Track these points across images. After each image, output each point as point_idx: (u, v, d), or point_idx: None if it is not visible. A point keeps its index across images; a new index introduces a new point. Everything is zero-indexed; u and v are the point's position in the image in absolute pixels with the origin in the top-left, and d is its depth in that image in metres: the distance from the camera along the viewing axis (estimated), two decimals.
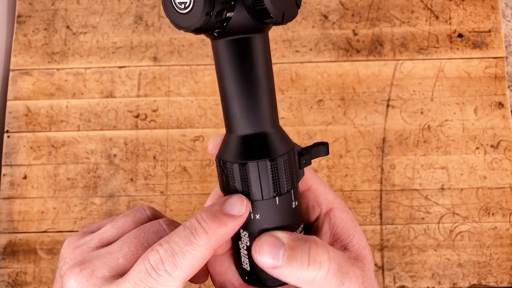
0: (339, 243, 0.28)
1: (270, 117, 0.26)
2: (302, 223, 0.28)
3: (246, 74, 0.25)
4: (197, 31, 0.23)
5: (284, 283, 0.27)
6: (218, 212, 0.25)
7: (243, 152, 0.26)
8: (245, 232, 0.27)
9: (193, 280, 0.29)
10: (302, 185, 0.29)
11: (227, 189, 0.27)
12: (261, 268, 0.26)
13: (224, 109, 0.26)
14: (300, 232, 0.28)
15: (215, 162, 0.28)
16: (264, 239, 0.26)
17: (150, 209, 0.29)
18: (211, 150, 0.29)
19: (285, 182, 0.26)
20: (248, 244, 0.27)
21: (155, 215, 0.29)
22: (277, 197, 0.26)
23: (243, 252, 0.27)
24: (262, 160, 0.25)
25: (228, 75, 0.25)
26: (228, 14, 0.23)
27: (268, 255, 0.25)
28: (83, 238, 0.27)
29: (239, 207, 0.25)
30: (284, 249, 0.25)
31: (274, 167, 0.25)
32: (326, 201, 0.29)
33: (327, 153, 0.29)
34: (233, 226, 0.25)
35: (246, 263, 0.27)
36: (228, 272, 0.29)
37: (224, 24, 0.24)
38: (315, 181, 0.30)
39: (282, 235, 0.26)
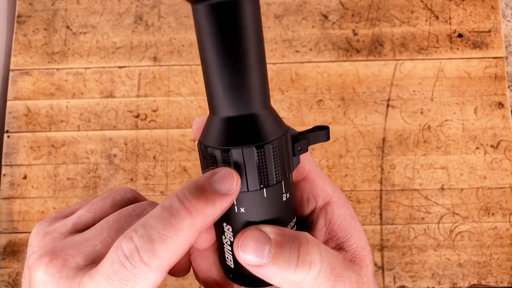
0: (334, 242, 0.25)
1: (259, 96, 0.23)
2: (295, 217, 0.25)
3: (231, 45, 0.21)
4: None
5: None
6: (205, 189, 0.21)
7: (226, 136, 0.22)
8: (228, 226, 0.24)
9: (172, 273, 0.26)
10: (297, 174, 0.26)
11: None
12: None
13: (206, 86, 0.23)
14: (291, 228, 0.25)
15: (197, 146, 0.24)
16: (248, 233, 0.22)
17: (131, 191, 0.26)
18: (195, 133, 0.25)
19: (275, 173, 0.23)
20: (231, 239, 0.24)
21: (137, 198, 0.26)
22: (264, 189, 0.23)
23: (227, 247, 0.24)
24: (247, 146, 0.22)
25: (210, 46, 0.21)
26: None
27: (251, 252, 0.22)
28: (54, 224, 0.24)
29: (229, 184, 0.21)
30: (270, 245, 0.22)
31: (261, 155, 0.22)
32: (323, 194, 0.26)
33: (328, 138, 0.26)
34: (222, 206, 0.21)
35: (230, 260, 0.25)
36: (212, 268, 0.26)
37: None
38: (312, 171, 0.26)
39: (268, 229, 0.23)
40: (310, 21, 0.62)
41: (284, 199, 0.24)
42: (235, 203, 0.23)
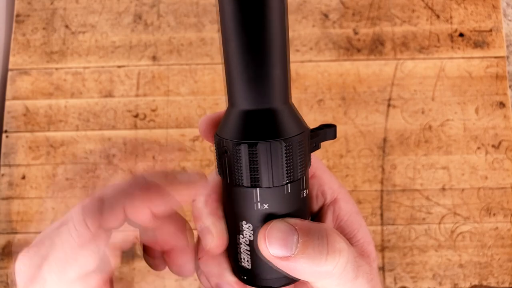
0: None
1: (283, 89, 0.22)
2: (309, 214, 0.25)
3: (255, 34, 0.21)
4: None
5: (289, 282, 0.24)
6: None
7: (251, 130, 0.22)
8: (248, 225, 0.23)
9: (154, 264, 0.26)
10: None
11: (230, 174, 0.23)
12: (263, 266, 0.23)
13: (228, 77, 0.22)
14: None
15: (215, 140, 0.24)
16: (273, 225, 0.22)
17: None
18: (204, 131, 0.25)
19: (299, 168, 0.23)
20: (251, 237, 0.23)
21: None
22: (288, 184, 0.23)
23: (244, 247, 0.24)
24: (275, 140, 0.22)
25: (233, 35, 0.21)
26: None
27: (279, 243, 0.22)
28: None
29: None
30: (297, 235, 0.22)
31: (288, 149, 0.22)
32: (331, 191, 0.27)
33: (335, 136, 0.26)
34: None
35: (247, 260, 0.24)
36: (225, 273, 0.26)
37: None
38: (320, 168, 0.27)
39: (293, 221, 0.23)
40: (310, 20, 0.62)
41: (303, 195, 0.24)
42: (258, 200, 0.23)
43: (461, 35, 0.61)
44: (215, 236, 0.24)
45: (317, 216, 0.27)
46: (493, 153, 0.58)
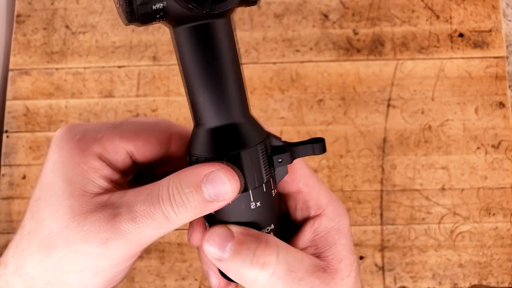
0: (314, 249, 0.27)
1: (239, 107, 0.25)
2: (272, 224, 0.27)
3: (209, 61, 0.24)
4: (133, 23, 0.22)
5: None
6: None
7: (203, 145, 0.25)
8: (206, 224, 0.27)
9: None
10: (291, 186, 0.28)
11: None
12: None
13: (188, 101, 0.26)
14: (268, 233, 0.26)
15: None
16: (215, 229, 0.25)
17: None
18: None
19: (243, 182, 0.25)
20: None
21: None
22: None
23: None
24: (214, 157, 0.25)
25: (190, 64, 0.24)
26: (157, 6, 0.22)
27: (215, 246, 0.24)
28: None
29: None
30: (232, 242, 0.24)
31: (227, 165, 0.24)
32: (316, 206, 0.28)
33: (323, 151, 0.26)
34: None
35: None
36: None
37: (161, 15, 0.22)
38: (308, 184, 0.28)
39: (235, 229, 0.25)
40: (310, 21, 0.62)
41: (252, 207, 0.25)
42: None
43: (461, 35, 0.61)
44: (218, 278, 0.28)
45: (299, 227, 0.29)
46: (492, 153, 0.58)
